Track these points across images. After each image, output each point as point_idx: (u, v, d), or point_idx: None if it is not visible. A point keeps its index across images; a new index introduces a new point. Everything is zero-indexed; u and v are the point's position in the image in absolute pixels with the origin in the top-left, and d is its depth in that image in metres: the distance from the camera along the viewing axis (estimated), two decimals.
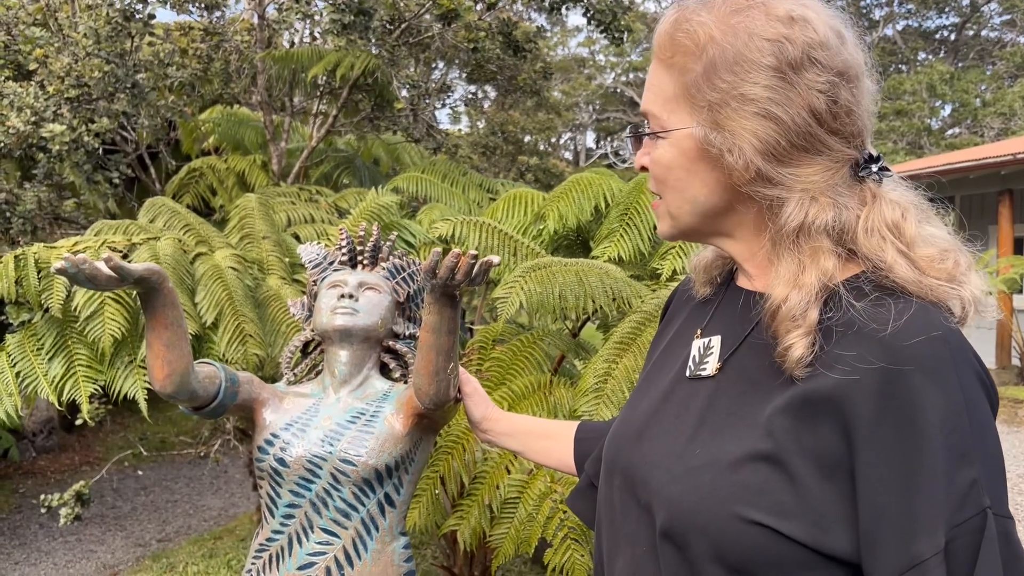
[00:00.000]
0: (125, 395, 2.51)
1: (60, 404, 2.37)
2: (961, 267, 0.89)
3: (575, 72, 27.34)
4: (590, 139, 31.06)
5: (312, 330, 1.97)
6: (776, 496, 0.83)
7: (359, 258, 2.03)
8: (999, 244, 11.23)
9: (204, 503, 7.29)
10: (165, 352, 1.60)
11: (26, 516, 6.99)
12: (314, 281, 2.02)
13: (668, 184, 0.98)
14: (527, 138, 16.56)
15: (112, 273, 1.42)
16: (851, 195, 0.91)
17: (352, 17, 4.26)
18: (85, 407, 2.37)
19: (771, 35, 0.89)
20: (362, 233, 2.04)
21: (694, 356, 1.03)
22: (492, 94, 14.20)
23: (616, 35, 4.85)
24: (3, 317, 3.90)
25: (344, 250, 2.02)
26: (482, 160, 10.21)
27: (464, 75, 8.43)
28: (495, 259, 1.44)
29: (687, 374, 1.02)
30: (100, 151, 4.18)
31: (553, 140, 25.15)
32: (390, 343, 1.97)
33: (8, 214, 4.37)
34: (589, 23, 4.90)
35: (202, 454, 5.46)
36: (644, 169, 1.03)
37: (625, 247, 2.87)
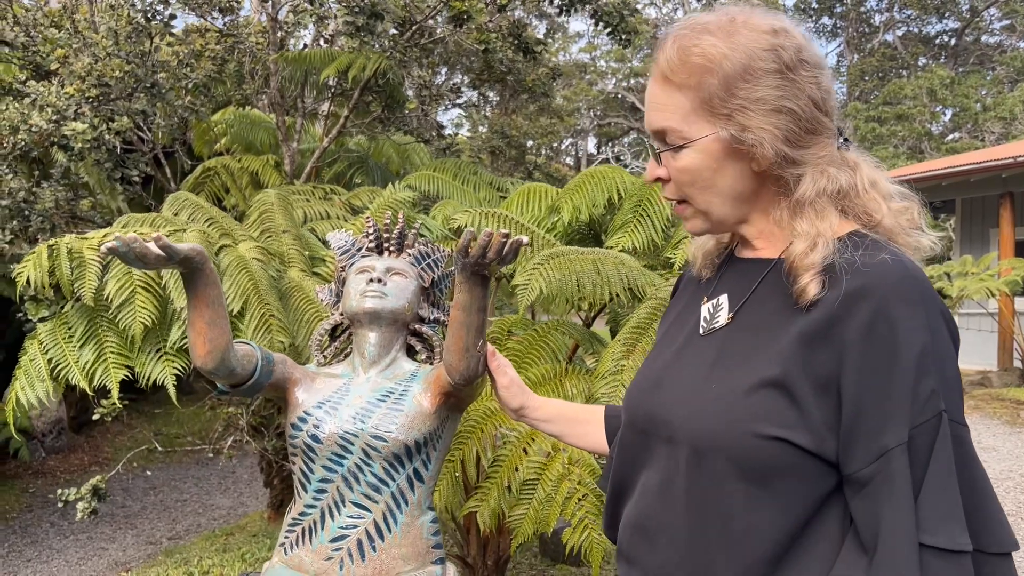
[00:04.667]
0: (139, 391, 2.56)
1: (91, 390, 2.44)
2: (917, 216, 1.13)
3: (576, 77, 27.45)
4: (591, 144, 31.15)
5: (341, 314, 2.03)
6: (784, 414, 1.02)
7: (385, 245, 2.10)
8: (1000, 247, 11.29)
9: (213, 502, 7.35)
10: (207, 330, 1.66)
11: (37, 515, 7.05)
12: (342, 267, 2.08)
13: (696, 186, 1.15)
14: (529, 143, 16.62)
15: (160, 252, 1.49)
16: (842, 164, 1.13)
17: (365, 20, 4.34)
18: (115, 393, 2.44)
19: (767, 46, 1.09)
20: (388, 221, 2.12)
21: (704, 316, 1.22)
22: (494, 99, 14.28)
23: (623, 37, 4.93)
24: (21, 314, 3.96)
25: (371, 237, 2.09)
26: (488, 161, 10.29)
27: (467, 79, 8.50)
28: (525, 239, 1.50)
29: (700, 332, 1.20)
30: (119, 150, 4.25)
31: (555, 145, 25.23)
32: (416, 326, 2.04)
33: (27, 212, 4.44)
34: (596, 25, 4.98)
35: (211, 453, 5.52)
36: (658, 180, 1.20)
37: (639, 237, 2.94)
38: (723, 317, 1.18)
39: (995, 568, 1.00)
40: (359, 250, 2.09)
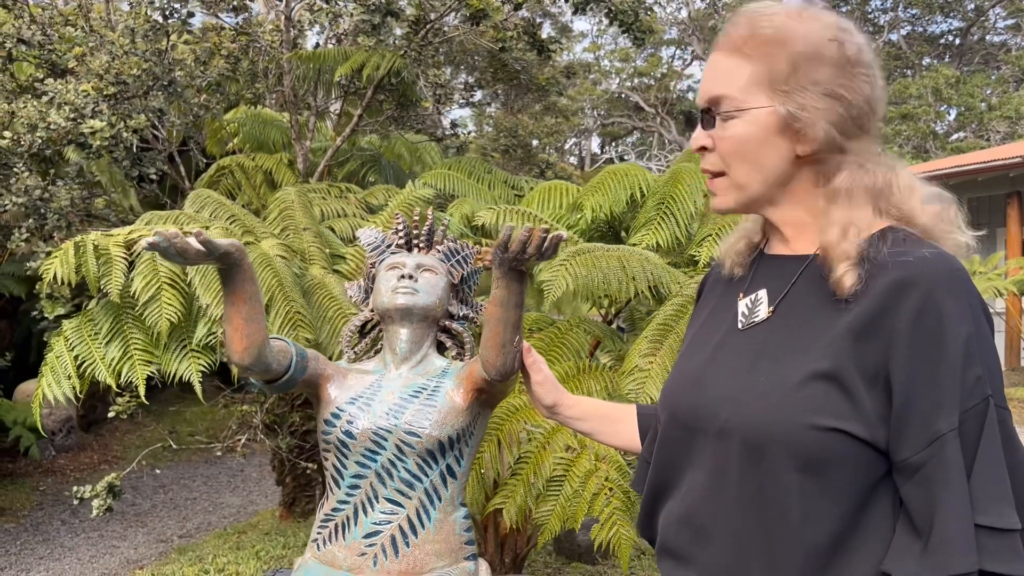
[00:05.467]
0: (149, 388, 2.57)
1: (118, 386, 2.44)
2: (955, 217, 1.17)
3: (580, 77, 27.42)
4: (595, 144, 31.14)
5: (371, 310, 2.04)
6: (837, 405, 1.04)
7: (415, 242, 2.10)
8: (1007, 246, 11.27)
9: (223, 500, 7.36)
10: (244, 326, 1.66)
11: (48, 513, 7.06)
12: (372, 264, 2.09)
13: (741, 157, 1.16)
14: (535, 142, 16.59)
15: (201, 247, 1.49)
16: (880, 163, 1.16)
17: (380, 18, 4.34)
18: (142, 390, 2.45)
19: (832, 36, 1.12)
20: (417, 218, 2.12)
21: (743, 312, 1.22)
22: (501, 98, 14.27)
23: (639, 35, 4.94)
24: (36, 312, 3.96)
25: (401, 234, 2.10)
26: (498, 159, 10.33)
27: (472, 79, 8.51)
28: (564, 234, 1.51)
29: (739, 327, 1.21)
30: (135, 147, 4.26)
31: (559, 144, 25.23)
32: (446, 323, 2.04)
33: (43, 210, 4.45)
34: (612, 23, 4.98)
35: (220, 451, 5.53)
36: (703, 149, 1.20)
37: (663, 235, 2.95)
38: (763, 311, 1.19)
39: None
40: (389, 247, 2.09)
